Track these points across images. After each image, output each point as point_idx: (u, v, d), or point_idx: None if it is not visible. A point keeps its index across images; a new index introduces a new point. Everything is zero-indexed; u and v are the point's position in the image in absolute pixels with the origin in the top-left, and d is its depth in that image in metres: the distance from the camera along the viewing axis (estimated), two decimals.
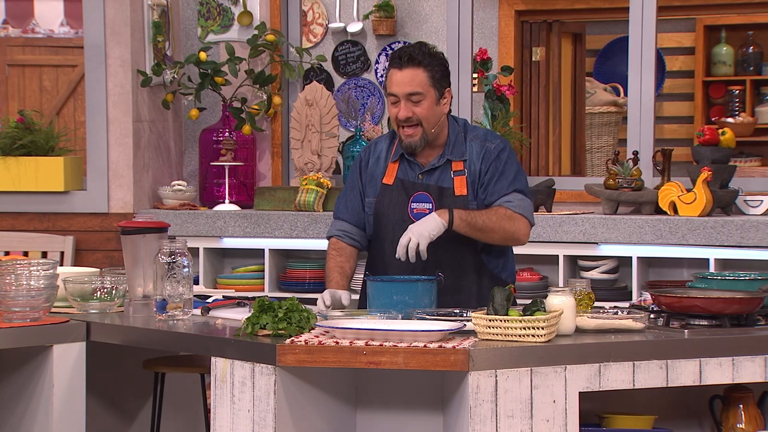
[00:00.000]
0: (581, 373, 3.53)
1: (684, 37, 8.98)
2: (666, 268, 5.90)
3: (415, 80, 4.13)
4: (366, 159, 4.36)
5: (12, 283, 3.99)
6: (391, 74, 4.17)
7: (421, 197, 4.23)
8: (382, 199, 4.27)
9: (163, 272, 3.97)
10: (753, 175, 7.31)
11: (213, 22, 6.69)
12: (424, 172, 4.25)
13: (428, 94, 4.15)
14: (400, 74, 4.14)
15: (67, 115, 9.20)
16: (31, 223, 6.32)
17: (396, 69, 4.15)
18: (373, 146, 4.38)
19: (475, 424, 3.42)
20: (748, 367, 3.70)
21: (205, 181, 6.54)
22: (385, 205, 4.26)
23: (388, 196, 4.26)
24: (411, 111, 4.15)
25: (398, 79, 4.14)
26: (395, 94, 4.16)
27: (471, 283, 4.24)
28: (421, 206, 4.22)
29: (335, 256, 4.33)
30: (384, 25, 7.12)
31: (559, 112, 7.76)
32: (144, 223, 4.20)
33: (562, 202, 6.19)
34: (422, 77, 4.14)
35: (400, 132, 4.20)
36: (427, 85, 4.15)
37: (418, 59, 4.13)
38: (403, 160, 4.27)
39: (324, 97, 6.32)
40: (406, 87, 4.13)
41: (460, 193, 4.21)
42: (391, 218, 4.24)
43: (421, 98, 4.14)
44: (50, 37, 9.46)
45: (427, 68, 4.15)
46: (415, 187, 4.24)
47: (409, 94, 4.14)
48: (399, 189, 4.26)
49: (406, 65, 4.13)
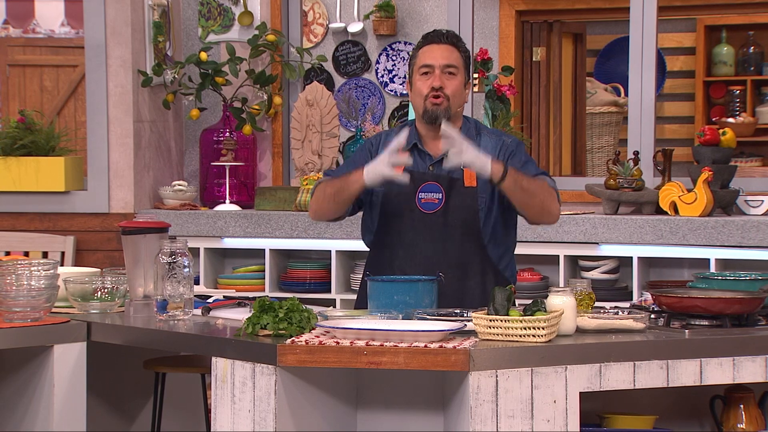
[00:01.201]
0: (582, 373, 3.53)
1: (684, 37, 8.98)
2: (667, 268, 5.90)
3: (453, 56, 4.23)
4: (377, 145, 4.32)
5: (13, 283, 3.99)
6: (426, 49, 4.25)
7: (431, 187, 4.23)
8: (390, 189, 4.22)
9: (164, 272, 3.97)
10: (753, 176, 7.31)
11: (214, 22, 6.69)
12: (435, 163, 4.24)
13: (459, 73, 4.24)
14: (438, 48, 4.23)
15: (67, 115, 9.21)
16: (31, 223, 6.32)
17: (434, 44, 4.24)
18: (384, 136, 4.35)
19: (475, 424, 3.42)
20: (749, 367, 3.70)
21: (206, 181, 6.54)
22: (393, 195, 4.23)
23: (396, 186, 4.18)
24: (443, 83, 4.20)
25: (437, 52, 4.23)
26: (431, 65, 4.21)
27: (476, 285, 4.23)
28: (429, 196, 4.22)
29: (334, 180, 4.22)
30: (384, 25, 7.12)
31: (559, 112, 7.76)
32: (145, 223, 4.20)
33: (563, 202, 6.16)
34: (457, 56, 4.24)
35: (427, 102, 4.21)
36: (461, 65, 4.25)
37: (455, 40, 4.27)
38: (414, 150, 4.25)
39: (324, 97, 6.32)
40: (444, 59, 4.22)
41: (470, 185, 4.21)
42: (398, 208, 4.23)
43: (455, 72, 4.22)
44: (51, 37, 9.47)
45: (462, 51, 4.27)
46: (424, 177, 4.23)
47: (446, 65, 4.21)
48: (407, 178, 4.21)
49: (445, 41, 4.25)
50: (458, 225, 4.18)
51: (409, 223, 4.19)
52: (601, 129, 8.18)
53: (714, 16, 8.82)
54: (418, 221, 4.19)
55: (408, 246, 4.21)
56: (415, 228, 4.20)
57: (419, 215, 4.19)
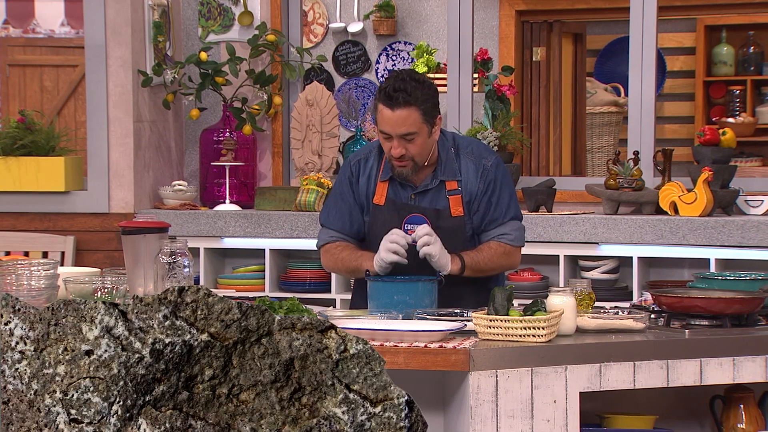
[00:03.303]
0: (582, 373, 3.53)
1: (684, 37, 8.98)
2: (667, 268, 5.90)
3: (408, 120, 4.03)
4: (356, 176, 4.28)
5: (13, 283, 3.99)
6: (381, 111, 4.05)
7: (416, 219, 4.17)
8: (374, 221, 4.22)
9: (164, 272, 3.97)
10: (754, 175, 7.31)
11: (214, 22, 6.69)
12: (417, 193, 4.19)
13: (421, 131, 4.06)
14: (392, 114, 4.03)
15: (67, 115, 9.21)
16: (31, 223, 6.32)
17: (387, 108, 4.04)
18: (362, 163, 4.28)
19: (475, 424, 3.42)
20: (749, 367, 3.70)
21: (206, 181, 6.54)
22: (378, 226, 4.20)
23: (380, 217, 4.20)
24: (404, 148, 4.07)
25: (391, 119, 4.03)
26: (387, 132, 4.06)
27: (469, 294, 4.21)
28: (415, 228, 4.13)
29: (342, 248, 4.28)
30: (384, 25, 7.12)
31: (559, 112, 7.75)
32: (145, 223, 4.19)
33: (563, 202, 6.19)
34: (415, 116, 4.04)
35: (392, 162, 4.12)
36: (420, 123, 4.05)
37: (410, 100, 4.01)
38: (394, 180, 4.21)
39: (324, 97, 6.32)
40: (399, 128, 4.04)
41: (457, 214, 4.17)
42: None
43: (414, 137, 4.06)
44: (51, 37, 9.47)
45: (420, 106, 4.04)
46: (408, 208, 4.18)
47: (402, 134, 4.05)
48: (391, 210, 4.20)
49: (398, 106, 4.02)
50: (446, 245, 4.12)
51: None
52: (601, 129, 8.18)
53: (714, 16, 8.81)
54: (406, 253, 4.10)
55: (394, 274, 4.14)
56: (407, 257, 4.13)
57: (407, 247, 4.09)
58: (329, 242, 4.32)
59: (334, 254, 4.29)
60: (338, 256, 4.28)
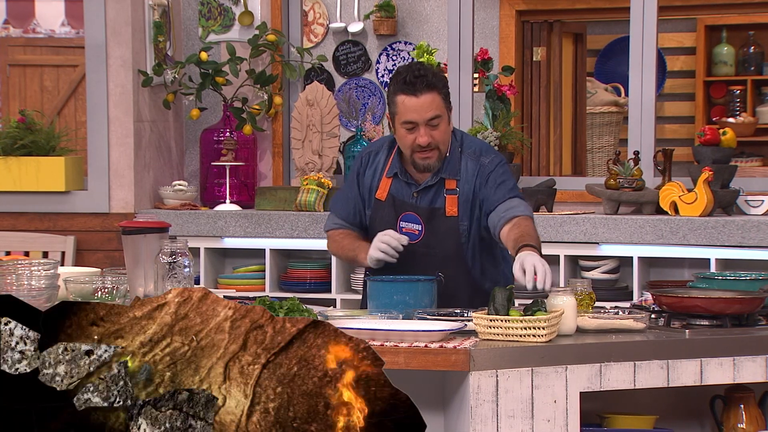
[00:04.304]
0: (582, 373, 3.53)
1: (685, 37, 8.98)
2: (667, 268, 5.90)
3: (434, 104, 4.06)
4: (364, 167, 4.33)
5: (13, 283, 3.99)
6: (404, 101, 4.06)
7: (410, 217, 4.21)
8: (374, 215, 4.28)
9: (164, 272, 3.97)
10: (754, 175, 7.31)
11: (214, 22, 6.69)
12: (420, 191, 4.22)
13: (444, 115, 4.11)
14: (417, 101, 4.04)
15: (68, 115, 9.21)
16: (32, 223, 6.32)
17: (410, 96, 4.05)
18: (372, 156, 4.33)
19: (475, 424, 3.42)
20: (749, 367, 3.70)
21: (206, 181, 6.54)
22: (377, 220, 4.26)
23: (380, 212, 4.25)
24: (431, 136, 4.08)
25: (416, 105, 4.04)
26: (413, 121, 4.07)
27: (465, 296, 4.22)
28: (409, 226, 4.19)
29: (347, 234, 4.37)
30: (385, 25, 7.12)
31: (560, 112, 7.76)
32: (145, 223, 4.20)
33: (563, 202, 6.19)
34: (438, 100, 4.07)
35: (415, 156, 4.13)
36: (443, 107, 4.10)
37: (432, 83, 4.05)
38: (397, 177, 4.24)
39: (325, 97, 6.32)
40: (426, 113, 4.05)
41: (451, 214, 4.18)
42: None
43: (439, 121, 4.08)
44: (51, 37, 9.47)
45: (441, 90, 4.09)
46: (405, 206, 4.22)
47: (429, 119, 4.07)
48: (390, 206, 4.24)
49: (421, 91, 4.04)
50: (441, 255, 4.17)
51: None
52: (602, 129, 8.18)
53: (714, 16, 8.81)
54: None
55: (393, 272, 4.15)
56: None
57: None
58: (333, 229, 4.43)
59: (337, 241, 4.40)
60: (340, 243, 4.38)
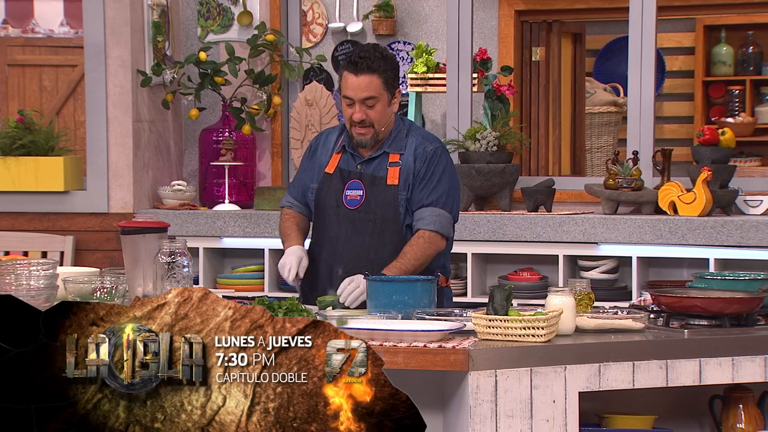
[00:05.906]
0: (581, 373, 3.53)
1: (684, 37, 8.98)
2: (666, 268, 5.90)
3: (371, 85, 4.34)
4: (315, 147, 4.60)
5: (12, 283, 3.99)
6: (346, 77, 4.37)
7: (355, 185, 4.45)
8: (322, 187, 4.49)
9: (163, 272, 3.97)
10: (753, 175, 7.31)
11: (213, 21, 6.69)
12: (364, 162, 4.46)
13: (381, 97, 4.37)
14: (356, 79, 4.34)
15: (67, 115, 9.20)
16: (31, 223, 6.32)
17: (352, 74, 4.35)
18: (325, 136, 4.61)
19: (475, 424, 3.42)
20: (748, 367, 3.70)
21: (205, 181, 6.54)
22: (324, 192, 4.48)
23: (327, 183, 4.49)
24: (365, 114, 4.37)
25: (354, 83, 4.34)
26: (350, 97, 4.36)
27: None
28: (353, 193, 4.45)
29: (290, 217, 4.60)
30: (384, 25, 7.12)
31: (559, 112, 7.76)
32: (144, 223, 4.20)
33: (562, 202, 6.19)
34: (377, 83, 4.35)
35: (352, 130, 4.42)
36: (381, 89, 4.36)
37: (373, 66, 4.33)
38: (346, 151, 4.49)
39: (324, 97, 6.32)
40: (361, 92, 4.34)
41: (392, 183, 4.42)
42: (328, 204, 4.46)
43: (375, 102, 4.36)
44: (50, 37, 9.46)
45: (382, 74, 4.36)
46: (351, 175, 4.46)
47: (364, 98, 4.35)
48: (337, 177, 4.48)
49: (362, 71, 4.33)
50: (378, 221, 4.40)
51: (335, 218, 4.45)
52: (601, 129, 8.18)
53: (713, 16, 8.81)
54: (342, 216, 4.44)
55: (333, 240, 4.45)
56: (340, 223, 4.44)
57: (344, 211, 4.42)
58: (284, 206, 4.67)
59: (282, 219, 4.64)
60: (283, 223, 4.63)
